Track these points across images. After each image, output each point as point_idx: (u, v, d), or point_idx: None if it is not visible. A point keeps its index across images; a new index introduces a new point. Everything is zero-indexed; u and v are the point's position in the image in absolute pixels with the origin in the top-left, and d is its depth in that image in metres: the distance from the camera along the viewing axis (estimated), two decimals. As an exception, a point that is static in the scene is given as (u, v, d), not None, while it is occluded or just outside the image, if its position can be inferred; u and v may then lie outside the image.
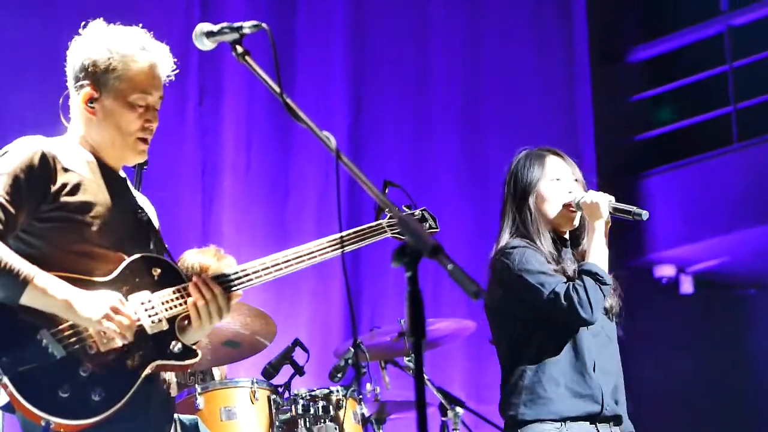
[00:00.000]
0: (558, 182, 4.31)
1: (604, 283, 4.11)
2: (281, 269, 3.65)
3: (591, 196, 4.21)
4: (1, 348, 3.29)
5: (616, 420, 4.20)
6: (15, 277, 3.28)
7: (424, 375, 4.40)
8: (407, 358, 5.81)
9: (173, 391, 3.70)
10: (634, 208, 4.19)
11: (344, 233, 3.75)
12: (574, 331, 4.15)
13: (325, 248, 3.74)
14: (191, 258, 5.49)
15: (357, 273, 7.84)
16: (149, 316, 3.45)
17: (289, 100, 2.91)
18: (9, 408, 3.37)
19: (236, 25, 3.10)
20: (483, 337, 6.59)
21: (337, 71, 8.31)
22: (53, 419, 3.28)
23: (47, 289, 3.31)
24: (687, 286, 10.19)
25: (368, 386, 5.63)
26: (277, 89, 2.93)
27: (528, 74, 9.21)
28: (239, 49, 3.07)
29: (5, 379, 3.27)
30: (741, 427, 9.78)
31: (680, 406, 9.43)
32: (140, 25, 3.61)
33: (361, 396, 5.31)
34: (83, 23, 3.59)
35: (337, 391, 5.20)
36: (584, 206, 4.22)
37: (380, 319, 7.37)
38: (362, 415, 5.28)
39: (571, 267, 4.23)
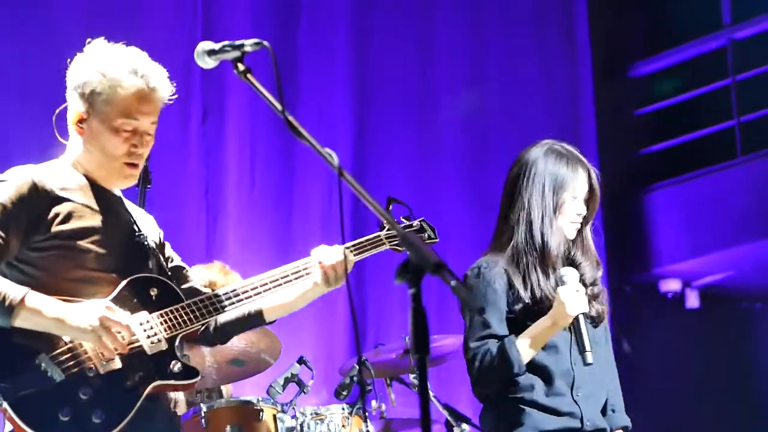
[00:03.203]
0: (575, 201, 4.05)
1: (512, 369, 3.87)
2: (279, 283, 3.66)
3: (566, 292, 3.84)
4: (1, 373, 3.29)
5: None
6: (2, 302, 3.29)
7: (430, 392, 4.39)
8: (413, 375, 5.79)
9: (180, 410, 3.70)
10: (587, 343, 3.83)
11: (344, 246, 3.74)
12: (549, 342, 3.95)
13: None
14: (197, 274, 5.49)
15: (361, 290, 7.83)
16: (148, 336, 3.44)
17: (291, 118, 2.89)
18: (13, 434, 3.37)
19: (238, 43, 3.08)
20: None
21: (341, 88, 8.30)
22: None
23: (40, 310, 3.31)
24: (693, 300, 10.15)
25: (374, 404, 5.61)
26: (279, 107, 2.91)
27: (532, 89, 9.20)
28: (241, 67, 3.05)
29: (5, 404, 3.27)
30: (748, 441, 9.76)
31: (687, 419, 9.40)
32: (124, 40, 3.59)
33: (366, 413, 5.29)
34: (87, 41, 3.59)
35: (343, 408, 5.20)
36: (559, 293, 3.85)
37: (385, 336, 7.35)
38: (368, 432, 5.27)
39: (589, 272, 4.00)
